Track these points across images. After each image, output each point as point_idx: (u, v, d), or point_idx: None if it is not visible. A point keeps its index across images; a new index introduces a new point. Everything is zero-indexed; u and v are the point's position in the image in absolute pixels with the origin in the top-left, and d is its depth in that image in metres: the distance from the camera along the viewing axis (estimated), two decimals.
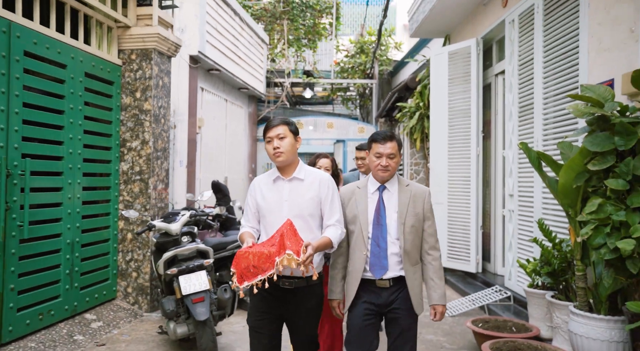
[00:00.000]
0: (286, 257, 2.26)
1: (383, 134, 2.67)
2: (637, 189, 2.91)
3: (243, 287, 2.32)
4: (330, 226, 2.62)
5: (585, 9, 4.07)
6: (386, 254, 2.61)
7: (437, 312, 2.68)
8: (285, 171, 2.67)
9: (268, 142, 2.64)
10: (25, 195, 3.89)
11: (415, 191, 2.69)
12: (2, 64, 3.72)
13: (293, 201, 2.61)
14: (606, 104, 3.09)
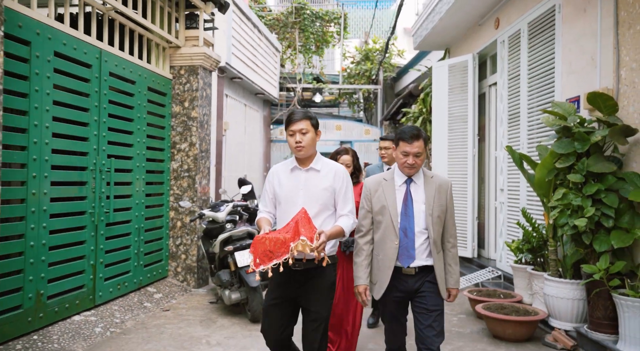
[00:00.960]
0: (300, 243, 2.39)
1: (410, 133, 2.72)
2: (590, 182, 3.89)
3: (259, 270, 2.46)
4: (343, 215, 2.76)
5: (560, 38, 5.05)
6: (413, 244, 2.70)
7: (451, 294, 2.84)
8: (303, 161, 2.80)
9: (290, 135, 2.76)
10: (110, 187, 4.86)
11: (440, 183, 2.80)
12: (95, 84, 4.68)
13: (308, 190, 2.74)
14: (569, 117, 4.07)
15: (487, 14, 6.92)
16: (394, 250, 2.71)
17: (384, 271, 2.73)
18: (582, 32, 4.67)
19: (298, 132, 2.71)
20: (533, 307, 4.66)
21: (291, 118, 2.76)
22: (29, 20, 3.82)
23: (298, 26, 13.42)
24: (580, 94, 4.62)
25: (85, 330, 4.26)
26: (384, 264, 2.73)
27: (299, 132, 2.71)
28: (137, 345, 4.14)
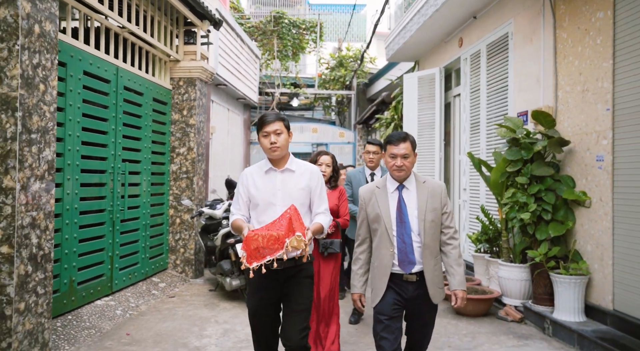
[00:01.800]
0: (296, 238, 2.44)
1: (397, 136, 2.77)
2: (533, 183, 4.78)
3: (252, 267, 2.46)
4: (320, 213, 2.84)
5: (512, 60, 5.96)
6: (412, 249, 2.70)
7: (457, 297, 2.74)
8: (278, 163, 2.83)
9: (264, 137, 2.77)
10: (125, 188, 5.50)
11: (432, 187, 2.80)
12: (113, 97, 5.31)
13: (286, 190, 2.77)
14: (517, 130, 4.95)
15: (452, 33, 7.81)
16: (389, 258, 2.71)
17: (380, 279, 2.74)
18: (529, 57, 5.58)
19: (272, 133, 2.74)
20: (489, 288, 5.54)
21: (264, 120, 2.78)
22: (65, 46, 4.44)
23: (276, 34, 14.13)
24: (528, 109, 5.52)
25: (108, 312, 4.90)
26: (380, 271, 2.74)
27: (274, 133, 2.74)
28: (155, 323, 4.81)
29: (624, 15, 4.16)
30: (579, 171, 4.68)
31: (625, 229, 4.12)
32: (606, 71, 4.32)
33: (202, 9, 6.65)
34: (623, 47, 4.16)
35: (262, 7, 36.97)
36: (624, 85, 4.14)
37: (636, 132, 4.01)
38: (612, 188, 4.26)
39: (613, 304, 4.24)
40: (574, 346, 4.19)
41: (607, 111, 4.30)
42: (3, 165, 3.37)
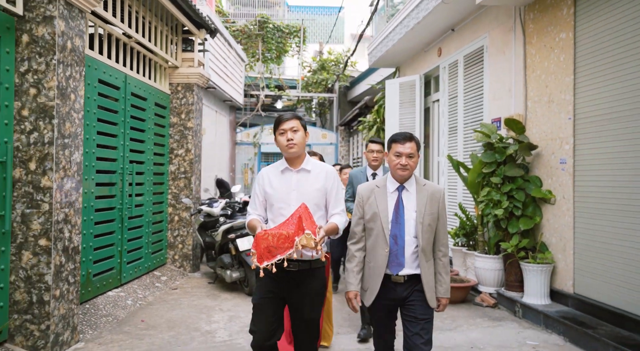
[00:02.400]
0: (305, 236, 2.39)
1: (403, 135, 2.75)
2: (506, 182, 5.38)
3: (263, 266, 2.45)
4: (335, 214, 2.80)
5: (487, 71, 6.56)
6: (403, 252, 2.68)
7: (441, 304, 2.79)
8: (294, 162, 2.80)
9: (281, 134, 2.75)
10: (132, 187, 5.89)
11: (432, 191, 2.77)
12: (122, 102, 5.70)
13: (301, 190, 2.75)
14: (492, 135, 5.55)
15: (431, 43, 8.41)
16: (384, 257, 2.69)
17: (374, 279, 2.72)
18: (502, 69, 6.19)
19: (289, 131, 2.72)
20: (467, 277, 6.13)
21: (280, 118, 2.78)
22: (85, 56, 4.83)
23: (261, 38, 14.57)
24: (501, 116, 6.13)
25: (120, 302, 5.31)
26: (375, 271, 2.72)
27: (290, 130, 2.72)
28: (165, 312, 5.23)
29: (583, 36, 4.78)
30: (545, 172, 5.30)
31: (584, 224, 4.75)
32: (568, 84, 4.95)
33: (200, 18, 7.07)
34: (582, 64, 4.79)
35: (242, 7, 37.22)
36: (583, 97, 4.77)
37: (593, 139, 4.64)
38: (573, 187, 4.89)
39: (574, 288, 4.87)
40: (541, 325, 4.80)
41: (569, 120, 4.93)
42: (41, 167, 3.77)
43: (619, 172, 4.33)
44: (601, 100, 4.53)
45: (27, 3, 3.76)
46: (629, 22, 4.20)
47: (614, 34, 4.37)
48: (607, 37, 4.46)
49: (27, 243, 3.75)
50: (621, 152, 4.29)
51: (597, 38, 4.59)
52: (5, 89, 3.68)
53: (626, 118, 4.23)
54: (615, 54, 4.36)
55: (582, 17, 4.80)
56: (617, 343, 3.83)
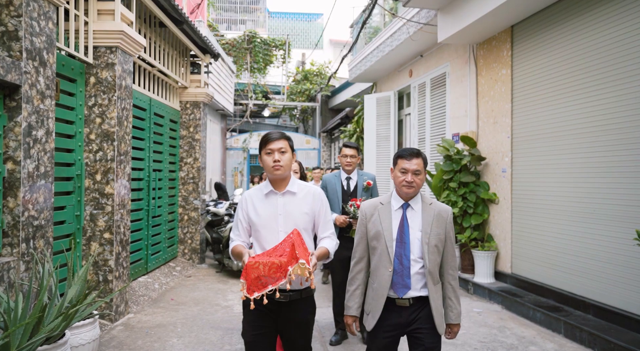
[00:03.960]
0: (299, 266, 2.23)
1: (409, 151, 2.60)
2: (461, 187, 6.74)
3: (253, 298, 2.27)
4: (325, 237, 2.65)
5: (449, 94, 7.92)
6: (409, 273, 2.53)
7: (452, 331, 2.65)
8: (279, 185, 2.63)
9: (268, 154, 2.57)
10: (155, 191, 7.07)
11: (439, 210, 2.61)
12: (147, 121, 6.86)
13: (288, 214, 2.59)
14: (450, 148, 6.90)
15: (403, 65, 9.76)
16: (387, 278, 2.53)
17: (377, 300, 2.56)
18: (460, 94, 7.56)
19: (277, 151, 2.55)
20: None
21: (269, 137, 2.61)
22: None
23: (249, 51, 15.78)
24: (459, 131, 7.50)
25: (149, 286, 6.48)
26: (378, 293, 2.56)
27: (278, 151, 2.55)
28: (187, 293, 6.43)
29: (518, 73, 6.16)
30: (491, 178, 6.67)
31: (519, 219, 6.13)
32: (507, 110, 6.32)
33: (206, 45, 8.25)
34: (517, 95, 6.17)
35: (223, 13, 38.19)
36: (518, 121, 6.15)
37: (526, 153, 6.02)
38: (511, 190, 6.27)
39: (511, 269, 6.25)
40: (486, 298, 6.17)
41: (508, 138, 6.31)
42: (105, 178, 4.95)
43: (544, 179, 5.71)
44: (531, 123, 5.91)
45: (95, 53, 4.94)
46: (551, 64, 5.59)
47: (540, 72, 5.76)
48: (535, 74, 5.85)
49: (94, 236, 4.93)
50: (546, 163, 5.67)
51: (528, 75, 5.98)
52: (79, 119, 4.85)
53: (550, 137, 5.62)
54: (541, 88, 5.74)
55: (517, 58, 6.18)
56: (535, 306, 5.21)
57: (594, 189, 4.89)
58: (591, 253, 4.92)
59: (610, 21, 4.67)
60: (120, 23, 4.94)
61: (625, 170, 4.51)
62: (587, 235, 4.96)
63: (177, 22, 6.92)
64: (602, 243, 4.75)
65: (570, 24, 5.21)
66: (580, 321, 4.68)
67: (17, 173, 3.41)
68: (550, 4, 5.50)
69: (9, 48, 3.39)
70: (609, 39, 4.69)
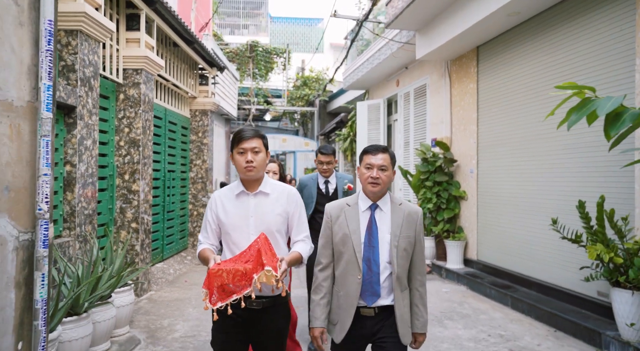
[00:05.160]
0: (265, 273, 2.07)
1: (376, 146, 2.45)
2: (435, 185, 7.74)
3: (217, 308, 2.14)
4: (299, 241, 2.50)
5: (428, 103, 8.93)
6: (379, 280, 2.35)
7: (417, 340, 2.48)
8: (251, 185, 2.48)
9: (240, 154, 2.41)
10: (170, 189, 8.10)
11: (409, 211, 2.45)
12: (163, 128, 7.89)
13: (259, 216, 2.43)
14: (427, 152, 7.91)
15: (391, 75, 10.77)
16: (356, 286, 2.37)
17: (346, 310, 2.40)
18: (437, 103, 8.57)
19: (250, 151, 2.41)
20: None
21: (242, 135, 2.44)
22: None
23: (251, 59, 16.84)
24: (437, 137, 8.50)
25: (165, 271, 7.51)
26: (346, 302, 2.40)
27: (251, 150, 2.41)
28: (199, 277, 7.45)
29: (482, 87, 7.17)
30: (462, 178, 7.68)
31: (483, 213, 7.14)
32: (474, 119, 7.33)
33: (213, 60, 9.28)
34: (482, 106, 7.18)
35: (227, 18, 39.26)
36: (483, 129, 7.16)
37: (489, 156, 7.02)
38: (477, 188, 7.27)
39: (477, 256, 7.26)
40: (455, 281, 7.18)
41: (474, 143, 7.31)
42: (132, 178, 5.97)
43: (504, 178, 6.71)
44: (493, 131, 6.91)
45: (124, 74, 5.96)
46: (510, 79, 6.59)
47: (501, 86, 6.76)
48: (497, 88, 6.85)
49: (123, 226, 5.95)
50: (506, 165, 6.68)
51: (491, 88, 6.98)
52: (111, 129, 5.88)
53: (509, 143, 6.62)
54: (502, 100, 6.74)
55: (482, 73, 7.19)
56: (491, 285, 6.22)
57: (537, 187, 5.89)
58: (535, 240, 5.92)
59: (558, 45, 5.67)
60: (144, 49, 5.97)
61: (563, 170, 5.51)
62: (533, 225, 5.96)
63: (188, 42, 7.95)
64: (542, 231, 5.74)
65: (525, 46, 6.21)
66: (523, 295, 5.69)
67: (73, 174, 4.43)
68: (508, 29, 6.50)
69: (67, 78, 4.41)
70: (557, 60, 5.69)
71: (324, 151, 4.47)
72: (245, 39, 22.05)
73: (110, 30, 4.83)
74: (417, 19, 7.46)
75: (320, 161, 4.49)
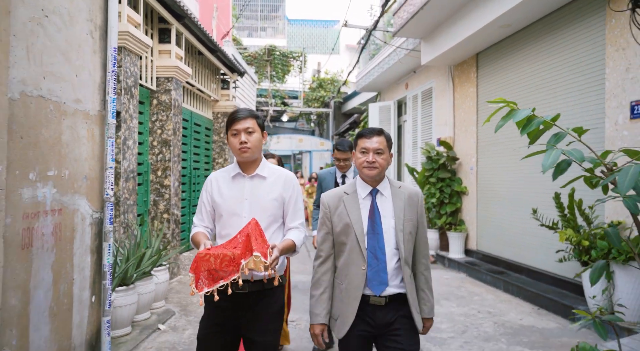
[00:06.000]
0: (253, 259, 2.04)
1: (370, 129, 2.35)
2: (439, 181, 8.37)
3: (203, 294, 2.09)
4: (293, 228, 2.43)
5: (434, 105, 9.55)
6: (385, 267, 2.25)
7: (425, 326, 2.39)
8: (248, 167, 2.44)
9: (234, 136, 2.38)
10: (195, 185, 8.87)
11: (409, 194, 2.37)
12: (190, 129, 8.66)
13: (255, 200, 2.38)
14: (431, 150, 8.54)
15: (400, 79, 11.41)
16: (361, 277, 2.25)
17: (348, 304, 2.27)
18: (442, 106, 9.19)
19: (243, 132, 2.36)
20: None
21: (235, 116, 2.40)
22: None
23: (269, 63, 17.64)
24: (441, 136, 9.12)
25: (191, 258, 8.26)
26: (349, 294, 2.27)
27: (244, 131, 2.36)
28: None
29: (481, 91, 7.78)
30: (463, 175, 8.30)
31: (482, 207, 7.75)
32: (474, 121, 7.95)
33: (234, 66, 10.03)
34: (481, 109, 7.79)
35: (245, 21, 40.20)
36: (482, 130, 7.77)
37: (487, 155, 7.63)
38: (477, 184, 7.89)
39: (477, 246, 7.88)
40: (456, 269, 7.80)
41: (474, 143, 7.93)
42: (164, 174, 6.74)
43: (501, 175, 7.32)
44: (490, 131, 7.52)
45: (157, 82, 6.73)
46: (506, 84, 7.20)
47: (497, 90, 7.37)
48: (494, 92, 7.46)
49: (156, 216, 6.72)
50: (503, 163, 7.28)
51: (489, 92, 7.59)
52: (146, 131, 6.65)
53: (504, 142, 7.22)
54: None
55: (481, 78, 7.80)
56: (487, 272, 6.84)
57: (526, 182, 6.49)
58: (524, 230, 6.52)
59: (543, 54, 6.27)
60: (175, 60, 6.73)
61: None
62: (523, 217, 6.56)
63: (212, 51, 8.71)
64: (530, 222, 6.33)
65: (517, 54, 6.81)
66: (513, 279, 6.30)
67: (118, 169, 5.20)
68: (502, 39, 7.10)
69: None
70: (542, 67, 6.29)
71: (340, 148, 4.44)
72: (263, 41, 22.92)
73: (148, 45, 5.59)
74: (422, 28, 8.09)
75: (337, 158, 4.49)
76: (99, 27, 3.27)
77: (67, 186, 2.88)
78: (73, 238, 2.98)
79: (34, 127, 2.52)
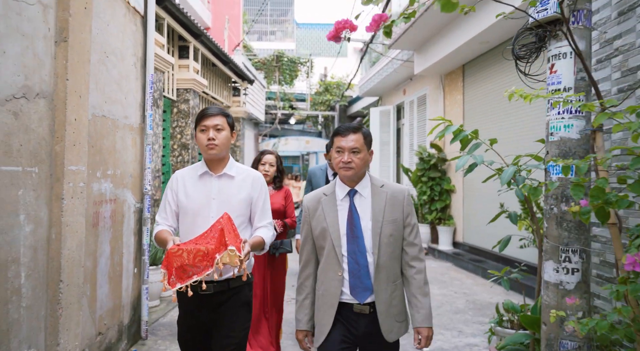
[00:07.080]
0: (228, 253, 2.00)
1: (346, 126, 2.21)
2: (430, 180, 9.22)
3: (175, 290, 2.05)
4: (261, 227, 2.42)
5: (428, 110, 10.39)
6: (368, 272, 2.13)
7: (422, 336, 2.16)
8: (215, 166, 2.41)
9: (202, 131, 2.36)
10: None
11: (393, 192, 2.22)
12: None
13: (223, 200, 2.36)
14: (423, 153, 9.39)
15: (399, 85, 12.26)
16: (337, 283, 2.15)
17: (325, 311, 2.17)
18: (435, 111, 10.03)
19: (212, 128, 2.33)
20: None
21: (205, 112, 2.37)
22: None
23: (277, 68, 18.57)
24: (431, 139, 9.96)
25: None
26: (325, 301, 2.18)
27: (213, 128, 2.33)
28: None
29: (467, 99, 8.62)
30: (452, 174, 9.14)
31: (467, 204, 8.59)
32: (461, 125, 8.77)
33: (244, 75, 10.96)
34: (467, 115, 8.63)
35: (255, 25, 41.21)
36: None
37: None
38: (463, 183, 8.73)
39: (463, 239, 8.72)
40: (444, 259, 8.65)
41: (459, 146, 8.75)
42: None
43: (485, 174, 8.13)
44: None
45: (177, 93, 7.66)
46: (487, 92, 8.03)
47: (480, 98, 8.20)
48: (477, 100, 8.30)
49: None
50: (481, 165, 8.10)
51: (473, 100, 8.43)
52: (168, 136, 7.58)
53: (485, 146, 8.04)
54: (481, 110, 8.18)
55: (467, 87, 8.64)
56: (469, 261, 7.69)
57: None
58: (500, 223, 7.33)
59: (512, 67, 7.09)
60: (192, 73, 7.65)
61: None
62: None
63: (224, 62, 9.63)
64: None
65: (495, 67, 7.65)
66: (490, 267, 7.14)
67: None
68: (483, 53, 7.94)
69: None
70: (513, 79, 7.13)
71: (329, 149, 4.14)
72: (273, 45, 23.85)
73: (171, 63, 6.50)
74: (413, 42, 8.94)
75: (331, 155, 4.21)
76: (140, 58, 4.19)
77: (119, 182, 3.80)
78: (123, 221, 3.89)
79: (99, 139, 3.43)
